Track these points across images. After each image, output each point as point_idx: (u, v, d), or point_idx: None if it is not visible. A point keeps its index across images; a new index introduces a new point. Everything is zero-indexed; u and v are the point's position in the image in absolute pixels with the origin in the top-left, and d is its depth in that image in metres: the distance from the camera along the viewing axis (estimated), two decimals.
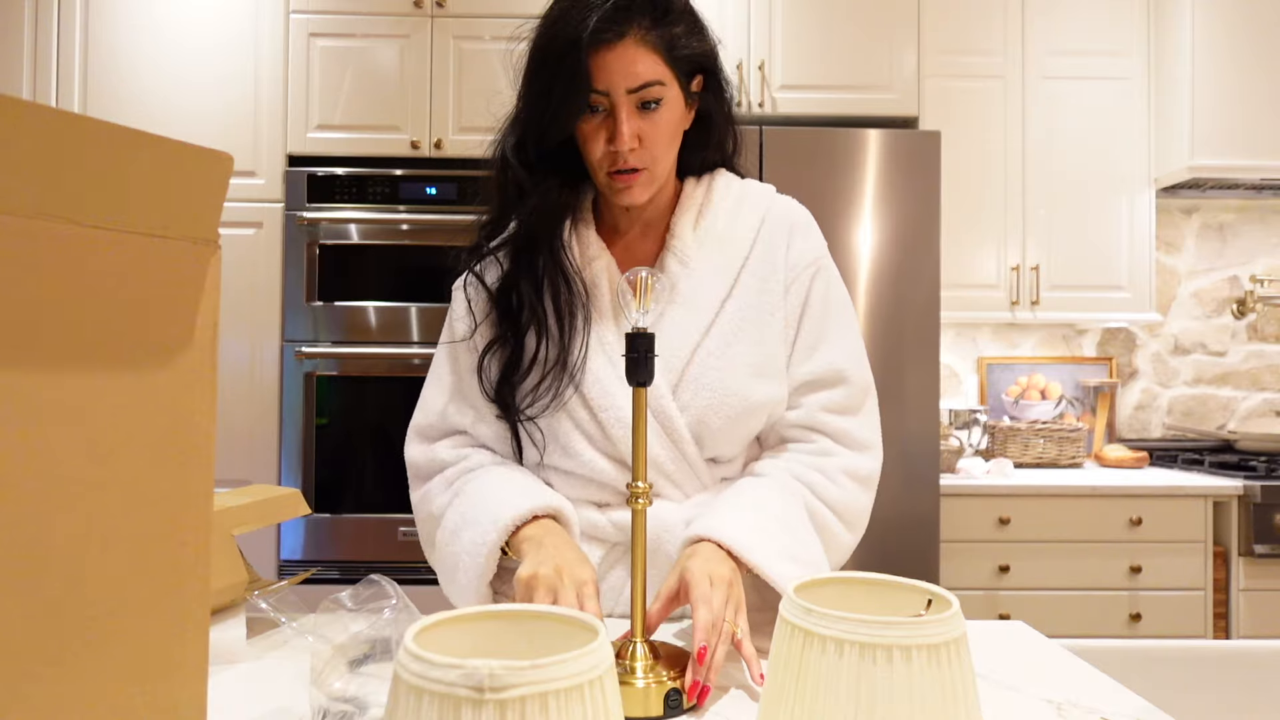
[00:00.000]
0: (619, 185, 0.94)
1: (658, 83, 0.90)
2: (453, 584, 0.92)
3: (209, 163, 0.41)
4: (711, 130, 1.01)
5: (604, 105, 0.91)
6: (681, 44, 0.92)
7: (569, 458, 0.96)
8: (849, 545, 0.99)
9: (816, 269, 1.01)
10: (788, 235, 1.01)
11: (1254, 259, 3.02)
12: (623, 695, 0.70)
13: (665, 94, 0.91)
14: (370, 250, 2.32)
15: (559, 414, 0.96)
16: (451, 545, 0.92)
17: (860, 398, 1.00)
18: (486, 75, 2.38)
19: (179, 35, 2.38)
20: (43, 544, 0.34)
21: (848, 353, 1.00)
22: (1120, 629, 2.38)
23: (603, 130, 0.92)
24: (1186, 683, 1.02)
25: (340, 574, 2.29)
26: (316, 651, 0.66)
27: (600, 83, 0.89)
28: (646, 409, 0.76)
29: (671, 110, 0.93)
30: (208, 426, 0.43)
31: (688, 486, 0.97)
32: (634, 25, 0.88)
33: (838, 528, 0.96)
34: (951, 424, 2.77)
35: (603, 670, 0.44)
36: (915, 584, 0.56)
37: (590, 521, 0.97)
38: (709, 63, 0.97)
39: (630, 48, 0.88)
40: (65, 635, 0.35)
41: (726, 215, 1.01)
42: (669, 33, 0.90)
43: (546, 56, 0.90)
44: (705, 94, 0.99)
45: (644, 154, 0.92)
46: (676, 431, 0.94)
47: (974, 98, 2.70)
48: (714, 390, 0.94)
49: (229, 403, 2.32)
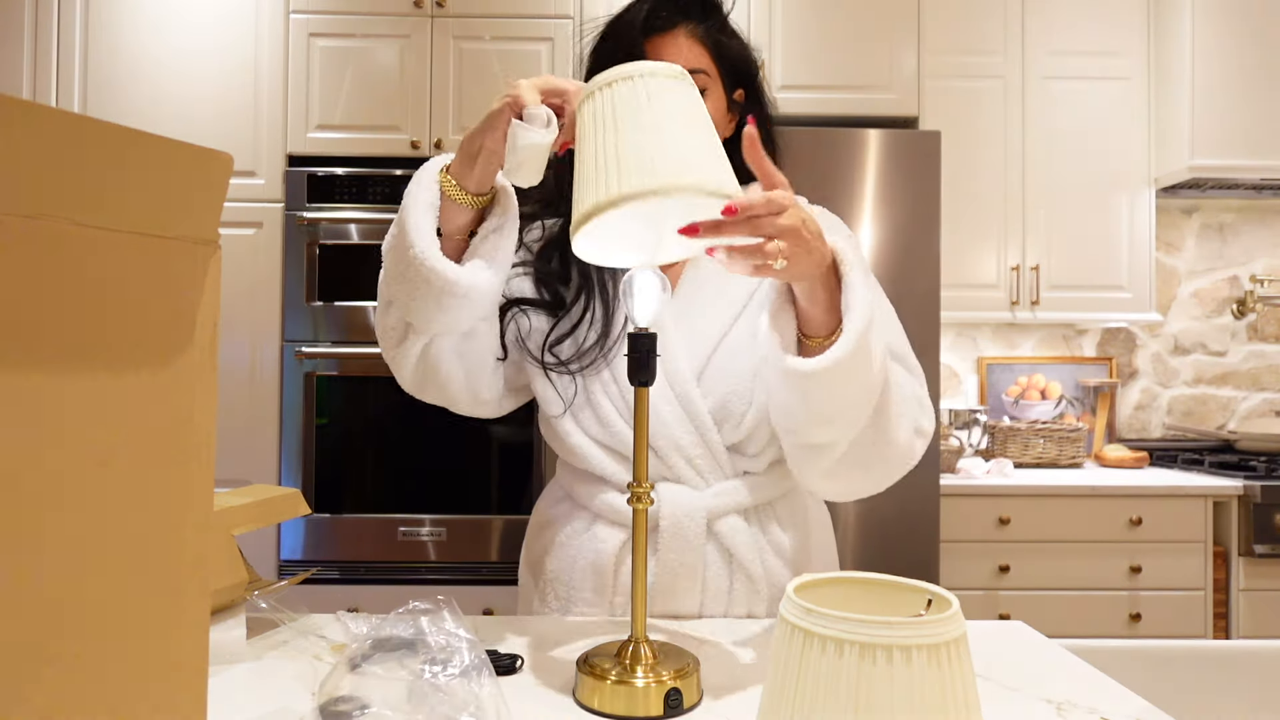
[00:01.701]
0: None
1: (703, 72, 0.98)
2: (406, 256, 0.85)
3: (209, 163, 0.41)
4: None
5: None
6: (727, 46, 1.01)
7: (601, 425, 0.98)
8: (884, 428, 0.88)
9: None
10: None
11: (1254, 259, 3.02)
12: (622, 695, 0.70)
13: (709, 86, 0.99)
14: (370, 250, 2.32)
15: (591, 379, 0.99)
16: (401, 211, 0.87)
17: (914, 364, 0.96)
18: (486, 75, 2.38)
19: (179, 35, 2.38)
20: (43, 544, 0.34)
21: (895, 332, 0.97)
22: (1120, 629, 2.38)
23: None
24: (1186, 683, 1.02)
25: (340, 574, 2.29)
26: (317, 651, 0.66)
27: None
28: (648, 410, 0.76)
29: (714, 104, 0.99)
30: (208, 426, 0.43)
31: (710, 474, 0.98)
32: (686, 20, 0.98)
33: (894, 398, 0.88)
34: (951, 424, 2.77)
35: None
36: (915, 584, 0.56)
37: (613, 506, 0.98)
38: (750, 71, 1.04)
39: (681, 37, 0.98)
40: (65, 635, 0.35)
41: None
42: (717, 35, 1.00)
43: (607, 39, 1.00)
44: (746, 108, 1.05)
45: None
46: (699, 416, 0.96)
47: (974, 98, 2.70)
48: (738, 377, 0.96)
49: (229, 403, 2.32)
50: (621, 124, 0.68)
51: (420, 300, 0.86)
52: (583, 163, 0.71)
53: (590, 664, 0.73)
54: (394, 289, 0.89)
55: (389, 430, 2.31)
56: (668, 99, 0.69)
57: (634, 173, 0.66)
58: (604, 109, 0.70)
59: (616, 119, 0.69)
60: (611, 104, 0.69)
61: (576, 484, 1.03)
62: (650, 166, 0.66)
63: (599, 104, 0.70)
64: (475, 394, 1.00)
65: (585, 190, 0.69)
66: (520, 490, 2.32)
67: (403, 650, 0.68)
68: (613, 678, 0.71)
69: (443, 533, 2.30)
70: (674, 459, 0.97)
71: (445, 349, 0.94)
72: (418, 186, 0.86)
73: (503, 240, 0.88)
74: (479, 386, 0.99)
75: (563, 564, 1.02)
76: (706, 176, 0.67)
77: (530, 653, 0.83)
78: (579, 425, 1.00)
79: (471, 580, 2.28)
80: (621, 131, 0.68)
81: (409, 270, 0.85)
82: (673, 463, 0.97)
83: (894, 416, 0.87)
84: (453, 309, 0.87)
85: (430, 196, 0.86)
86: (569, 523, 1.03)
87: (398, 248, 0.86)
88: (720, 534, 0.97)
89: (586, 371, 0.99)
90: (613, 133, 0.68)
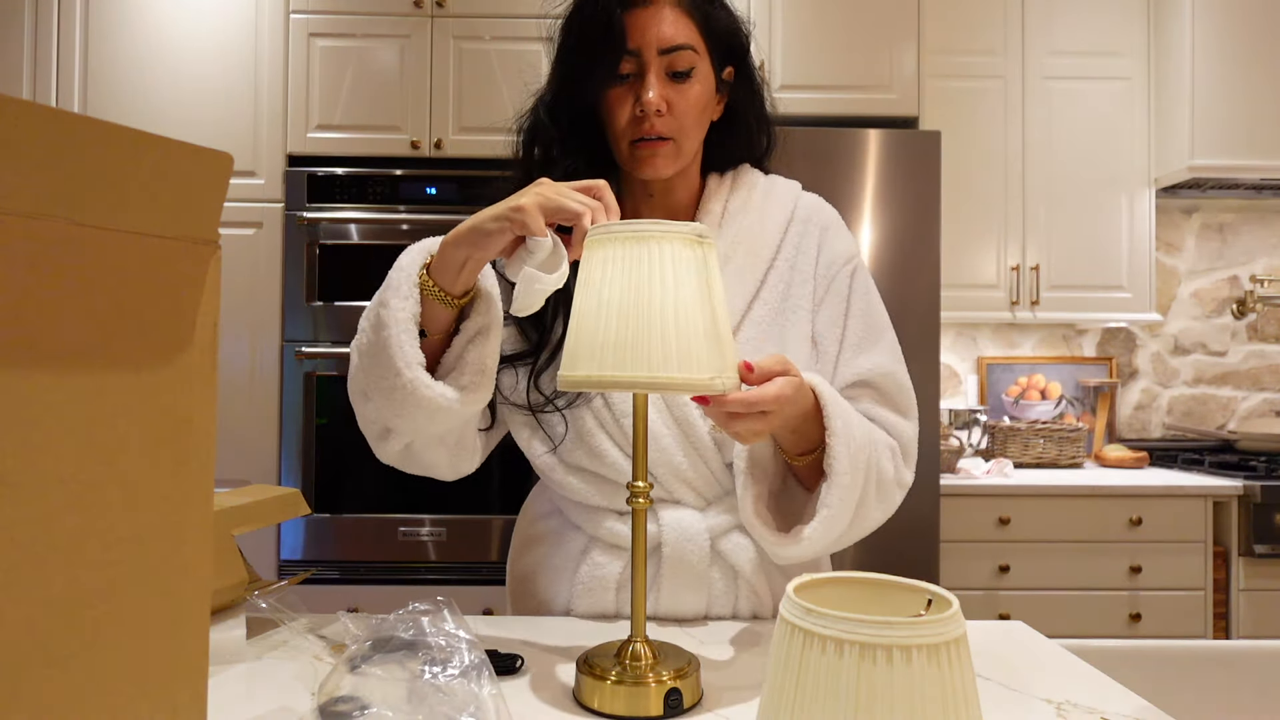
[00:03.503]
0: (644, 154, 0.91)
1: (689, 48, 0.89)
2: (379, 355, 0.81)
3: (209, 163, 0.41)
4: (739, 126, 1.00)
5: (633, 70, 0.90)
6: (715, 18, 0.92)
7: (594, 458, 0.94)
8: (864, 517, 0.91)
9: (854, 267, 1.00)
10: (819, 236, 1.00)
11: (1254, 259, 3.02)
12: (622, 695, 0.70)
13: (697, 64, 0.90)
14: (370, 250, 2.32)
15: (583, 409, 0.94)
16: (370, 319, 0.84)
17: (910, 400, 0.98)
18: (486, 75, 2.38)
19: (179, 35, 2.38)
20: (43, 544, 0.34)
21: (897, 357, 0.99)
22: (1120, 629, 2.38)
23: (630, 96, 0.90)
24: (1186, 683, 1.02)
25: (340, 574, 2.29)
26: (317, 651, 0.66)
27: (633, 41, 0.88)
28: (648, 410, 0.76)
29: (702, 85, 0.92)
30: (208, 426, 0.43)
31: (708, 492, 0.95)
32: None
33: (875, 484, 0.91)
34: (951, 424, 2.77)
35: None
36: (915, 584, 0.56)
37: (612, 530, 0.95)
38: (740, 45, 0.96)
39: (665, 8, 0.89)
40: (65, 635, 0.35)
41: (754, 212, 0.99)
42: (705, 6, 0.91)
43: (580, 12, 0.91)
44: (736, 86, 0.98)
45: (671, 122, 0.90)
46: (698, 436, 0.93)
47: (974, 98, 2.70)
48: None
49: (229, 403, 2.32)
50: (621, 293, 0.68)
51: (409, 417, 0.82)
52: (579, 315, 0.70)
53: (590, 664, 0.73)
54: (375, 398, 0.83)
55: None
56: (679, 269, 0.68)
57: (627, 364, 0.66)
58: (609, 267, 0.69)
59: (616, 285, 0.68)
60: (619, 264, 0.68)
61: (569, 506, 0.99)
62: (645, 361, 0.66)
63: (606, 255, 0.69)
64: (458, 468, 0.95)
65: (580, 350, 0.69)
66: (520, 490, 2.32)
67: (403, 651, 0.67)
68: (613, 678, 0.71)
69: (443, 533, 2.30)
70: (672, 482, 0.94)
71: (430, 442, 0.89)
72: (396, 296, 0.79)
73: (489, 344, 0.83)
74: (463, 462, 0.95)
75: (559, 589, 0.98)
76: (694, 375, 0.67)
77: (530, 653, 0.83)
78: (570, 462, 0.96)
79: (471, 580, 2.27)
80: (616, 304, 0.67)
81: (396, 393, 0.80)
82: (671, 486, 0.94)
83: (870, 507, 0.90)
84: (443, 421, 0.84)
85: (411, 307, 0.80)
86: (561, 544, 0.99)
87: (379, 363, 0.80)
88: (724, 552, 0.94)
89: (576, 402, 0.94)
90: (611, 307, 0.68)
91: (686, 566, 0.92)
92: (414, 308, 0.80)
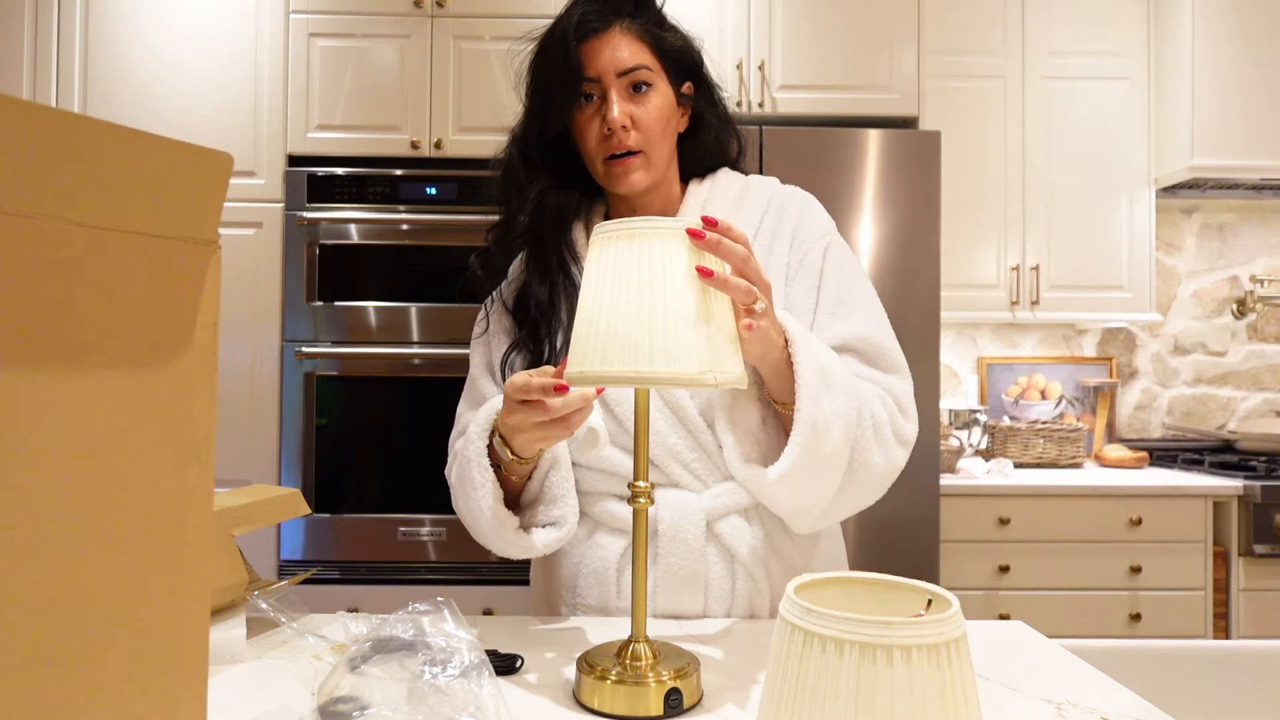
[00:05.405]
0: (617, 170, 0.97)
1: (645, 67, 0.96)
2: (472, 504, 0.93)
3: (209, 163, 0.41)
4: (707, 133, 1.05)
5: (597, 93, 0.97)
6: (665, 40, 0.99)
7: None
8: (861, 467, 0.91)
9: (828, 243, 1.02)
10: (796, 216, 1.03)
11: (1254, 259, 3.02)
12: (622, 695, 0.70)
13: (654, 80, 0.97)
14: (370, 250, 2.32)
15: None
16: (461, 472, 0.94)
17: (896, 359, 0.98)
18: (486, 75, 2.38)
19: (179, 35, 2.38)
20: (43, 544, 0.34)
21: (875, 321, 0.99)
22: (1120, 629, 2.38)
23: (597, 118, 0.97)
24: (1186, 683, 1.02)
25: (340, 574, 2.29)
26: (317, 651, 0.66)
27: (590, 69, 0.96)
28: (649, 411, 0.76)
29: (661, 98, 0.98)
30: (208, 426, 0.43)
31: (706, 476, 0.98)
32: (619, 18, 0.96)
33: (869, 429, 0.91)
34: (951, 424, 2.77)
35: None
36: (915, 584, 0.56)
37: (612, 513, 0.98)
38: (694, 62, 1.02)
39: (616, 35, 0.96)
40: (65, 635, 0.35)
41: (730, 206, 1.03)
42: (653, 30, 0.98)
43: (542, 51, 0.98)
44: (697, 99, 1.04)
45: (638, 136, 0.96)
46: (691, 420, 0.96)
47: (974, 98, 2.70)
48: None
49: (229, 403, 2.32)
50: (613, 291, 0.70)
51: (505, 544, 0.94)
52: (579, 313, 0.74)
53: (590, 664, 0.73)
54: (473, 529, 0.96)
55: (389, 430, 2.31)
56: (669, 264, 0.70)
57: (620, 360, 0.68)
58: (605, 267, 0.72)
59: (609, 283, 0.71)
60: (613, 262, 0.71)
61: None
62: (634, 356, 0.68)
63: (602, 255, 0.72)
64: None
65: (579, 348, 0.72)
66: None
67: (403, 651, 0.67)
68: (613, 678, 0.71)
69: (443, 533, 2.30)
70: (669, 464, 0.97)
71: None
72: (481, 474, 0.90)
73: (561, 472, 0.94)
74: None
75: (569, 571, 1.02)
76: (683, 369, 0.68)
77: (530, 653, 0.83)
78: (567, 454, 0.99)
79: (471, 580, 2.28)
80: (608, 302, 0.70)
81: (497, 542, 0.94)
82: (669, 468, 0.97)
83: (868, 449, 0.90)
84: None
85: (492, 488, 0.90)
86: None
87: (478, 520, 0.93)
88: (721, 535, 0.96)
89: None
90: (604, 304, 0.70)
91: (682, 544, 0.95)
92: (494, 487, 0.91)
